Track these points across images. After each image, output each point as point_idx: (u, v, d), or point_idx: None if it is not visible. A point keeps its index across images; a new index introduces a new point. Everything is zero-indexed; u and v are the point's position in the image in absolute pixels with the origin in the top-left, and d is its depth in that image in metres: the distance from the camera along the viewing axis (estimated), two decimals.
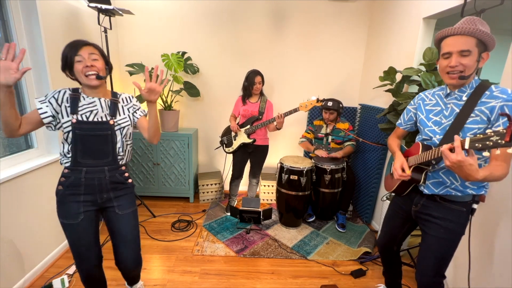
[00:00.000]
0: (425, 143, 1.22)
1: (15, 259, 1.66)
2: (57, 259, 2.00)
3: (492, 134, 0.82)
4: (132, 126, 1.36)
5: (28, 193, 1.74)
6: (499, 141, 0.80)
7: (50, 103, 1.20)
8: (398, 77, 2.09)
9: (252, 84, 2.40)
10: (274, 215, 2.75)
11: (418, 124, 1.31)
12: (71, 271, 1.87)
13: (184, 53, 2.80)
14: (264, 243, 2.31)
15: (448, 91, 1.18)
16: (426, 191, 1.23)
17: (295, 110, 2.26)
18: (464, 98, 1.12)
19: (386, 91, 2.13)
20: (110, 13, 2.25)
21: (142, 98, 2.58)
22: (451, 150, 0.94)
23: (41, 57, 1.84)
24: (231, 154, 2.65)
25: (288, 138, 3.22)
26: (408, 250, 1.99)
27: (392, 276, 1.64)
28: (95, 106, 1.24)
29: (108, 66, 1.27)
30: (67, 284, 1.75)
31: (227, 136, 2.62)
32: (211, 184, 3.00)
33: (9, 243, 1.61)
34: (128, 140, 1.35)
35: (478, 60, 1.05)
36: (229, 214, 2.72)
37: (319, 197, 2.57)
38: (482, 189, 1.16)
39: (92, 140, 1.22)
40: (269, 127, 2.50)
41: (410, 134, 1.64)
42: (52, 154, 2.00)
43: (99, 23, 2.26)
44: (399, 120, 1.44)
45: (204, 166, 3.34)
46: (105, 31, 2.30)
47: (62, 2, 2.04)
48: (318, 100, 2.21)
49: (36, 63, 1.85)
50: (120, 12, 2.28)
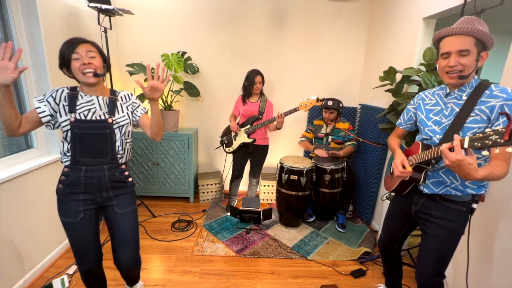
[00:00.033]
0: (425, 143, 1.22)
1: (15, 259, 1.66)
2: (57, 259, 2.00)
3: (491, 133, 0.82)
4: (131, 124, 1.35)
5: (28, 193, 1.74)
6: (498, 140, 0.80)
7: (48, 102, 1.20)
8: (398, 77, 2.09)
9: (252, 83, 2.40)
10: (274, 215, 2.75)
11: (418, 123, 1.31)
12: (71, 271, 1.87)
13: (184, 53, 2.80)
14: (264, 243, 2.31)
15: (448, 90, 1.18)
16: (426, 190, 1.23)
17: (295, 110, 2.26)
18: (464, 98, 1.12)
19: (386, 91, 2.13)
20: (110, 13, 2.25)
21: (143, 97, 2.61)
22: (451, 149, 0.94)
23: (41, 57, 1.85)
24: (231, 154, 2.66)
25: (288, 138, 3.22)
26: (408, 250, 1.99)
27: (393, 276, 1.64)
28: (93, 104, 1.24)
29: (106, 64, 1.26)
30: (67, 284, 1.75)
31: (227, 136, 2.62)
32: (211, 184, 3.00)
33: (9, 243, 1.61)
34: (127, 139, 1.34)
35: (477, 59, 1.05)
36: (229, 214, 2.72)
37: (319, 197, 2.57)
38: (482, 188, 1.16)
39: (91, 138, 1.21)
40: (269, 127, 2.50)
41: (410, 134, 1.64)
42: (52, 154, 2.00)
43: (99, 23, 2.26)
44: (399, 120, 1.44)
45: (204, 166, 3.34)
46: (105, 31, 2.30)
47: (62, 2, 2.04)
48: (318, 100, 2.21)
49: (36, 63, 1.85)
50: (120, 12, 2.28)
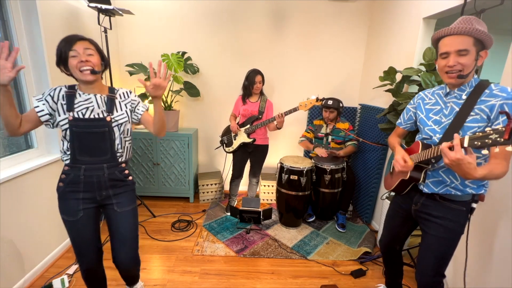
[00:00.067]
0: (425, 142, 1.22)
1: (15, 259, 1.66)
2: (57, 259, 2.00)
3: (491, 132, 0.82)
4: (130, 122, 1.34)
5: (28, 193, 1.74)
6: (498, 139, 0.80)
7: (46, 101, 1.19)
8: (398, 77, 2.09)
9: (252, 83, 2.40)
10: (274, 215, 2.75)
11: (418, 123, 1.31)
12: (71, 271, 1.86)
13: (184, 53, 2.80)
14: (264, 243, 2.31)
15: (447, 90, 1.18)
16: (425, 189, 1.23)
17: (295, 110, 2.26)
18: (463, 97, 1.12)
19: (386, 91, 2.13)
20: (110, 13, 2.25)
21: (143, 96, 2.61)
22: (451, 148, 0.94)
23: (41, 57, 1.85)
24: (231, 154, 2.66)
25: (288, 137, 3.22)
26: (408, 250, 1.99)
27: (393, 276, 1.64)
28: (91, 102, 1.23)
29: (104, 62, 1.25)
30: (67, 284, 1.74)
31: (227, 135, 2.62)
32: (211, 184, 3.00)
33: (9, 243, 1.61)
34: (126, 137, 1.33)
35: (476, 58, 1.05)
36: (229, 214, 2.72)
37: (319, 197, 2.57)
38: (481, 188, 1.16)
39: (89, 137, 1.21)
40: (269, 126, 2.50)
41: (410, 134, 1.64)
42: (52, 154, 2.00)
43: (99, 23, 2.26)
44: (399, 120, 1.45)
45: (204, 166, 3.34)
46: (105, 31, 2.30)
47: (62, 2, 2.04)
48: (318, 99, 2.21)
49: (36, 63, 1.86)
50: (120, 12, 2.28)
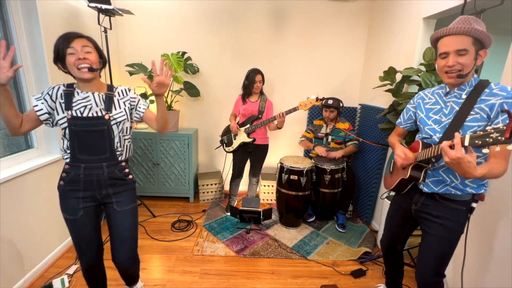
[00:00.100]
0: (425, 141, 1.22)
1: (15, 259, 1.66)
2: (57, 259, 2.00)
3: (492, 131, 0.82)
4: (129, 121, 1.32)
5: (28, 193, 1.74)
6: (499, 137, 0.80)
7: (45, 100, 1.19)
8: (398, 77, 2.09)
9: (252, 82, 2.40)
10: (274, 215, 2.75)
11: (418, 122, 1.31)
12: (71, 271, 1.86)
13: (184, 53, 2.80)
14: (264, 243, 2.31)
15: (447, 89, 1.18)
16: (425, 189, 1.23)
17: (295, 109, 2.26)
18: (463, 96, 1.12)
19: (386, 91, 2.13)
20: (110, 13, 2.25)
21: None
22: (451, 147, 0.94)
23: (41, 57, 1.85)
24: (231, 154, 2.66)
25: (288, 137, 3.22)
26: (408, 250, 1.98)
27: (394, 276, 1.64)
28: (89, 101, 1.22)
29: (102, 59, 1.25)
30: (67, 284, 1.74)
31: (227, 135, 2.62)
32: (211, 184, 3.00)
33: (9, 243, 1.61)
34: (126, 135, 1.32)
35: (475, 58, 1.06)
36: (229, 214, 2.72)
37: (319, 197, 2.56)
38: (481, 187, 1.16)
39: (88, 136, 1.20)
40: (269, 126, 2.50)
41: (410, 133, 1.65)
42: (52, 154, 2.00)
43: (99, 23, 2.26)
44: (399, 119, 1.45)
45: (204, 166, 3.34)
46: (105, 31, 2.30)
47: (62, 2, 2.05)
48: (317, 99, 2.21)
49: (36, 63, 1.85)
50: (120, 12, 2.28)
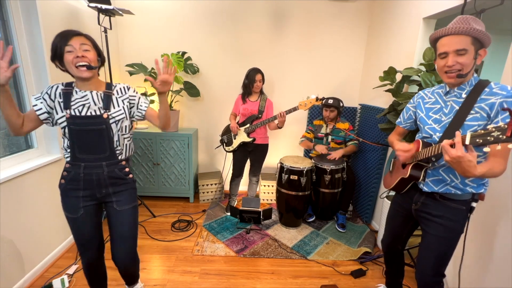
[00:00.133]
0: (425, 141, 1.22)
1: (15, 259, 1.66)
2: (57, 259, 1.99)
3: (493, 129, 0.82)
4: (128, 119, 1.31)
5: (28, 193, 1.74)
6: (500, 136, 0.80)
7: (44, 99, 1.19)
8: (398, 77, 2.09)
9: (252, 82, 2.40)
10: (274, 215, 2.75)
11: (418, 122, 1.31)
12: (71, 271, 1.86)
13: (184, 53, 2.80)
14: (264, 243, 2.31)
15: (447, 89, 1.18)
16: (425, 188, 1.23)
17: (295, 109, 2.26)
18: (463, 96, 1.12)
19: (386, 91, 2.13)
20: (110, 13, 2.25)
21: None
22: (452, 146, 0.94)
23: (41, 57, 1.85)
24: (231, 154, 2.66)
25: (288, 137, 3.22)
26: (408, 250, 1.98)
27: (394, 276, 1.64)
28: (87, 100, 1.21)
29: (100, 58, 1.25)
30: (67, 284, 1.74)
31: (227, 135, 2.62)
32: (211, 184, 3.00)
33: (9, 243, 1.61)
34: (125, 134, 1.31)
35: (475, 57, 1.06)
36: (229, 214, 2.72)
37: (319, 197, 2.56)
38: (481, 187, 1.16)
39: (87, 135, 1.20)
40: (270, 125, 2.50)
41: (410, 133, 1.64)
42: (52, 154, 2.00)
43: (99, 23, 2.26)
44: (399, 119, 1.45)
45: (204, 166, 3.34)
46: (105, 31, 2.30)
47: (62, 2, 2.05)
48: (317, 99, 2.21)
49: (36, 63, 1.86)
50: (120, 12, 2.28)
